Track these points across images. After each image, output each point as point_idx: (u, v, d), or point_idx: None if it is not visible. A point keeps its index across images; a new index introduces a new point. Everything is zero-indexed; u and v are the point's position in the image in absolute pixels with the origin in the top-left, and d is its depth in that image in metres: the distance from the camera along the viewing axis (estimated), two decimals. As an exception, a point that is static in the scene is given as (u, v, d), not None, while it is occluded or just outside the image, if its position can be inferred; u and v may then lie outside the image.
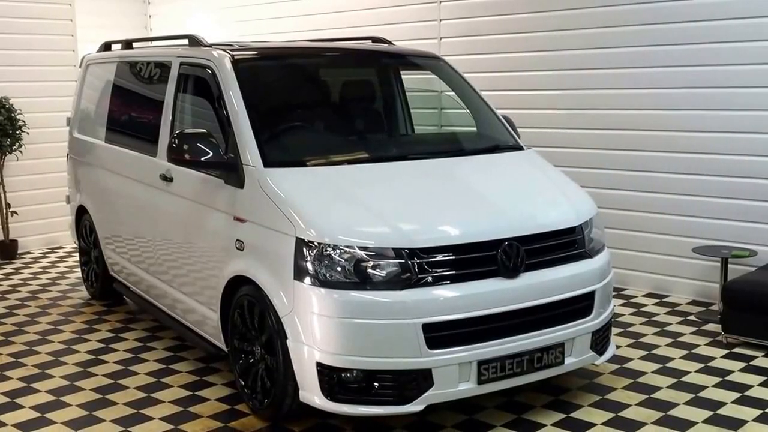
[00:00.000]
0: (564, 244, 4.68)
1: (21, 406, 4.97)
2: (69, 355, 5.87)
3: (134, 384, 5.29)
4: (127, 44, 6.86)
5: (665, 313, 6.60)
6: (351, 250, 4.19)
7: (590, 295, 4.66)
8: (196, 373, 5.44)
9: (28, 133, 8.88)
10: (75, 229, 7.55)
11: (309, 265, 4.22)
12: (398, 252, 4.20)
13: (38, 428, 4.67)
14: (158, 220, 5.78)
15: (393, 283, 4.17)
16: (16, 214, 9.02)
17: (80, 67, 7.50)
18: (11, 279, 8.12)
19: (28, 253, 9.26)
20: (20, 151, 8.85)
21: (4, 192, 8.91)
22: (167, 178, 5.51)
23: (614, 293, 7.01)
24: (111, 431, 4.62)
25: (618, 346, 5.75)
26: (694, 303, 6.85)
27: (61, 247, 9.51)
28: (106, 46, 7.19)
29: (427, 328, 4.14)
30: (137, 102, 6.49)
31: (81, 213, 7.30)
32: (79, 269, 7.86)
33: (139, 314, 6.79)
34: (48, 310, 7.01)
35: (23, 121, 8.79)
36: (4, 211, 8.92)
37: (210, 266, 5.07)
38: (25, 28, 9.18)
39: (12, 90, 8.89)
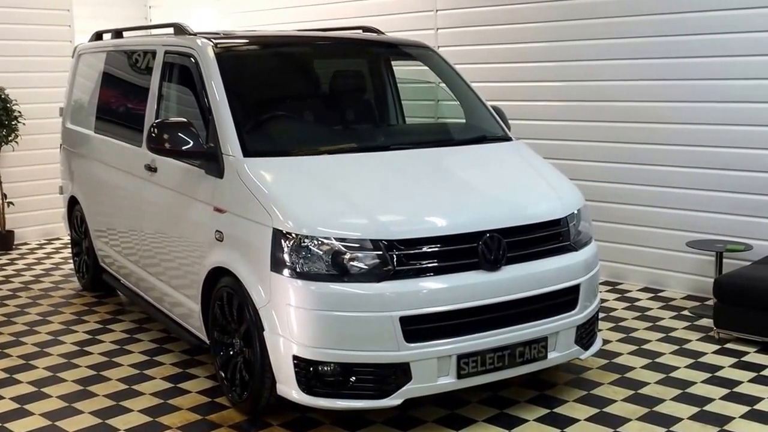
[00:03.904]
0: (548, 237, 4.59)
1: (1, 397, 4.94)
2: (55, 346, 5.83)
3: (117, 376, 5.24)
4: (117, 33, 6.81)
5: (659, 308, 6.50)
6: (329, 242, 4.13)
7: (575, 289, 4.57)
8: (180, 365, 5.40)
9: (24, 124, 8.85)
10: (67, 220, 7.52)
11: (286, 257, 4.15)
12: (376, 244, 4.12)
13: (16, 419, 4.63)
14: (143, 211, 5.72)
15: (371, 275, 4.09)
16: (13, 204, 9.00)
17: (73, 57, 7.46)
18: (5, 270, 8.09)
19: (25, 244, 9.25)
20: (16, 142, 8.83)
21: (1, 183, 8.88)
22: (151, 169, 5.46)
23: (609, 288, 6.99)
24: (89, 423, 4.57)
25: (608, 341, 5.67)
26: (689, 298, 6.75)
27: (58, 239, 9.49)
28: (98, 36, 7.14)
29: (405, 321, 4.06)
30: (125, 91, 6.42)
31: (73, 204, 7.27)
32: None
33: (128, 306, 6.75)
34: (38, 301, 6.98)
35: (19, 112, 8.77)
36: (1, 202, 8.90)
37: (193, 258, 5.01)
38: (21, 18, 9.15)
39: (8, 80, 8.86)
